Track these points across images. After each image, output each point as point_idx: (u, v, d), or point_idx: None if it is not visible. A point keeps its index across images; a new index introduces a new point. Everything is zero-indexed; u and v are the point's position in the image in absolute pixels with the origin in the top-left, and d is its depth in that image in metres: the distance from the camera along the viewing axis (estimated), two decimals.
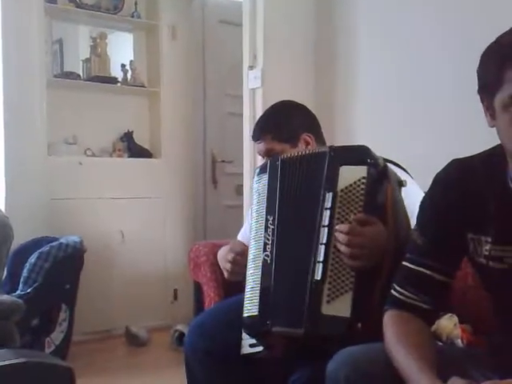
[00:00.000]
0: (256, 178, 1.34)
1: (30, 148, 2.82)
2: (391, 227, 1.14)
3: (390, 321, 1.00)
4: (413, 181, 1.41)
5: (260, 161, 2.42)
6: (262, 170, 1.33)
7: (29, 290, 2.38)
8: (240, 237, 1.73)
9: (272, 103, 1.71)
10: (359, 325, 1.08)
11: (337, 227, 1.12)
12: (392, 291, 1.03)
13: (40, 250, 2.48)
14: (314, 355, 1.15)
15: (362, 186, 1.13)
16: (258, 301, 1.21)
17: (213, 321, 1.46)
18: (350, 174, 1.15)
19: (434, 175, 1.04)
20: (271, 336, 1.20)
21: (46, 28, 2.94)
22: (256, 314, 1.21)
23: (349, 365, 0.93)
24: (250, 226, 1.35)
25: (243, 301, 1.26)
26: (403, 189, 1.24)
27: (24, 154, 2.80)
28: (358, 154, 1.18)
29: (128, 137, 3.27)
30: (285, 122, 1.59)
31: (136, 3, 3.23)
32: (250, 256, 1.28)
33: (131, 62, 3.26)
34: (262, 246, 1.24)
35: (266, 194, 1.28)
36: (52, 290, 2.47)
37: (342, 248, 1.10)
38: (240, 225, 2.67)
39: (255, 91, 2.49)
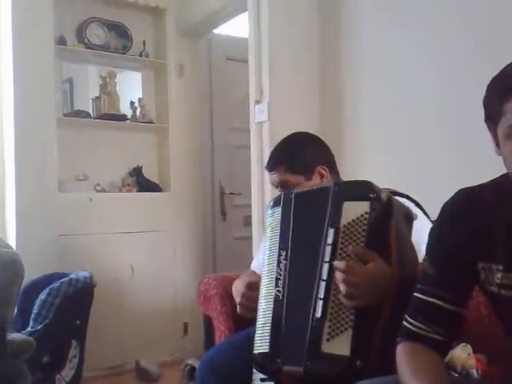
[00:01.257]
0: (269, 212, 1.33)
1: (40, 185, 2.86)
2: (394, 264, 1.13)
3: (402, 353, 0.99)
4: (424, 216, 1.40)
5: (270, 191, 2.46)
6: (276, 203, 1.32)
7: (39, 327, 2.37)
8: (254, 266, 1.73)
9: (279, 136, 1.73)
10: (358, 362, 1.06)
11: (334, 263, 1.11)
12: (404, 323, 1.02)
13: (50, 287, 2.49)
14: None
15: (365, 222, 1.13)
16: (268, 338, 1.20)
17: (223, 356, 1.45)
18: (353, 210, 1.15)
19: (442, 203, 1.04)
20: (282, 374, 1.18)
21: (57, 68, 3.02)
22: (267, 351, 1.20)
23: None
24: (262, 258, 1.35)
25: (254, 336, 1.25)
26: (414, 223, 1.23)
27: (35, 191, 2.84)
28: (361, 189, 1.18)
29: (137, 172, 3.31)
30: (299, 153, 1.59)
31: (144, 43, 3.32)
32: (262, 291, 1.27)
33: (140, 99, 3.33)
34: (273, 281, 1.23)
35: (279, 228, 1.27)
36: (62, 327, 2.47)
37: (340, 286, 1.09)
38: (249, 256, 2.68)
39: (262, 125, 2.52)
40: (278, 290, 1.22)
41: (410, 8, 2.19)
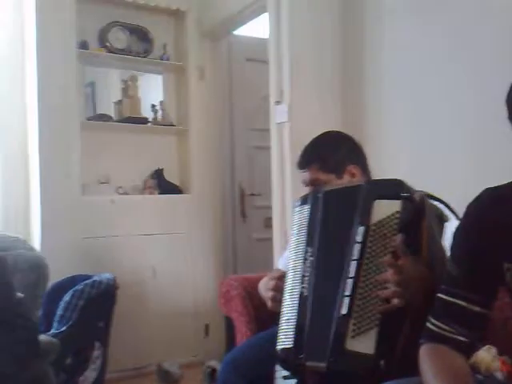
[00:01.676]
0: (297, 209, 1.33)
1: (64, 189, 2.90)
2: (425, 264, 1.11)
3: (426, 355, 0.97)
4: (456, 220, 1.37)
5: (292, 191, 2.45)
6: (304, 200, 1.32)
7: (63, 329, 2.40)
8: (280, 265, 1.73)
9: (299, 137, 1.72)
10: (382, 362, 1.05)
11: (385, 260, 1.08)
12: (427, 324, 1.01)
13: (74, 289, 2.51)
14: None
15: (396, 221, 1.11)
16: (293, 333, 1.20)
17: (246, 356, 1.45)
18: (384, 208, 1.14)
19: (466, 204, 1.03)
20: (305, 370, 1.18)
21: (79, 72, 3.06)
22: (290, 346, 1.20)
23: None
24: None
25: (277, 332, 1.25)
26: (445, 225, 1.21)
27: (59, 194, 2.89)
28: (393, 188, 1.16)
29: (158, 174, 3.34)
30: (332, 152, 1.58)
31: (165, 46, 3.34)
32: (287, 287, 1.27)
33: (161, 102, 3.36)
34: (299, 278, 1.23)
35: (306, 226, 1.27)
36: (86, 328, 2.49)
37: (392, 288, 1.06)
38: (270, 258, 2.68)
39: (283, 125, 2.51)
40: (304, 287, 1.22)
41: (433, 8, 2.17)
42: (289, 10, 2.47)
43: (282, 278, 1.38)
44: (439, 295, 1.01)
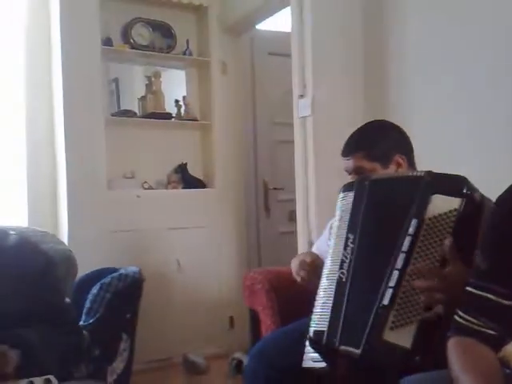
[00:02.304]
0: (341, 195, 1.33)
1: (90, 184, 2.95)
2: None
3: (454, 348, 0.97)
4: None
5: (316, 184, 2.45)
6: (349, 187, 1.32)
7: (91, 321, 2.44)
8: (315, 249, 1.73)
9: (323, 130, 1.71)
10: (417, 358, 1.05)
11: (415, 267, 1.07)
12: (456, 317, 1.00)
13: (101, 281, 2.55)
14: (374, 381, 1.13)
15: (453, 219, 1.09)
16: (328, 317, 1.20)
17: (273, 347, 1.46)
18: (442, 204, 1.11)
19: (494, 197, 1.02)
20: (336, 354, 1.19)
21: (103, 69, 3.10)
22: (324, 329, 1.20)
23: None
24: (327, 240, 1.35)
25: (311, 315, 1.25)
26: None
27: (85, 189, 2.94)
28: (454, 184, 1.13)
29: (182, 169, 3.37)
30: (379, 140, 1.55)
31: (187, 41, 3.36)
32: (325, 271, 1.28)
33: (184, 97, 3.38)
34: (338, 263, 1.23)
35: (349, 212, 1.27)
36: (113, 320, 2.53)
37: (437, 295, 1.06)
38: (294, 251, 2.68)
39: (306, 119, 2.51)
40: (342, 272, 1.22)
41: (455, 2, 2.14)
42: (311, 2, 2.46)
43: (319, 260, 1.36)
44: (468, 288, 1.00)
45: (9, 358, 0.99)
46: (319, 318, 1.23)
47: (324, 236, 1.70)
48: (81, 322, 2.44)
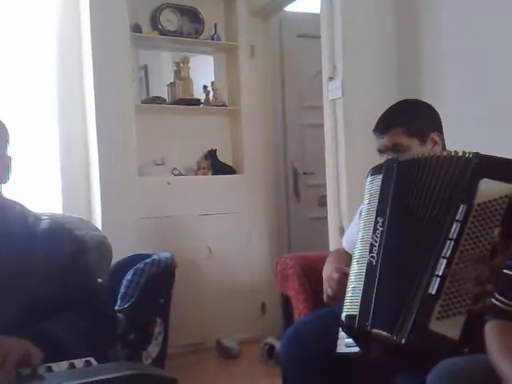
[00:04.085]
0: (369, 179, 1.31)
1: (122, 171, 2.99)
2: None
3: (492, 332, 0.95)
4: None
5: (346, 168, 2.42)
6: (377, 170, 1.30)
7: (126, 305, 2.48)
8: (344, 241, 1.71)
9: (353, 113, 1.68)
10: (466, 350, 1.02)
11: (463, 255, 1.04)
12: (493, 300, 0.98)
13: (135, 267, 2.59)
14: (412, 365, 1.11)
15: (503, 205, 1.05)
16: (359, 301, 1.19)
17: (307, 329, 1.46)
18: (492, 189, 1.07)
19: None
20: (368, 337, 1.18)
21: (133, 56, 3.11)
22: (356, 313, 1.19)
23: (449, 378, 0.90)
24: (357, 226, 1.33)
25: (343, 300, 1.24)
26: None
27: (117, 176, 2.97)
28: (506, 169, 1.09)
29: (211, 155, 3.37)
30: (417, 115, 1.50)
31: (215, 26, 3.34)
32: (355, 256, 1.26)
33: (212, 82, 3.37)
34: (368, 248, 1.22)
35: (378, 196, 1.25)
36: (148, 305, 2.57)
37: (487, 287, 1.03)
38: (324, 236, 2.66)
39: (336, 102, 2.47)
40: (372, 256, 1.20)
41: None
42: None
43: (344, 279, 1.33)
44: (505, 271, 0.98)
45: (33, 354, 0.99)
46: (350, 302, 1.22)
47: (354, 223, 1.67)
48: (116, 307, 2.49)
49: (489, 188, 1.07)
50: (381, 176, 1.26)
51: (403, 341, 1.09)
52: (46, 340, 1.05)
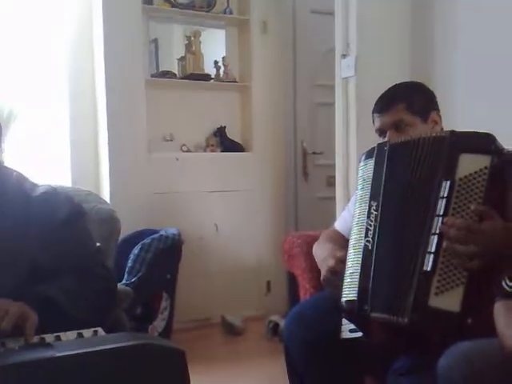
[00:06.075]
0: (362, 164, 1.31)
1: (131, 146, 2.98)
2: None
3: (500, 309, 0.95)
4: None
5: (357, 148, 2.39)
6: (369, 155, 1.30)
7: (133, 280, 2.51)
8: (337, 225, 1.70)
9: (366, 92, 1.67)
10: (469, 320, 1.03)
11: (448, 220, 1.07)
12: (502, 283, 0.97)
13: (142, 242, 2.61)
14: (415, 345, 1.11)
15: (484, 177, 1.07)
16: (357, 286, 1.20)
17: (311, 310, 1.46)
18: (471, 163, 1.09)
19: None
20: (369, 321, 1.18)
21: (143, 29, 3.07)
22: (354, 298, 1.20)
23: (463, 363, 0.90)
24: (352, 212, 1.33)
25: (342, 286, 1.25)
26: None
27: (126, 151, 2.96)
28: (482, 142, 1.11)
29: (221, 132, 3.35)
30: (418, 93, 1.49)
31: (228, 0, 3.28)
32: (351, 241, 1.27)
33: (223, 58, 3.33)
34: (363, 232, 1.22)
35: (371, 180, 1.25)
36: (154, 280, 2.59)
37: (457, 246, 1.05)
38: (331, 216, 2.65)
39: (348, 80, 2.43)
40: (368, 241, 1.21)
41: None
42: None
43: (342, 262, 1.31)
44: None
45: (29, 317, 0.99)
46: (348, 287, 1.23)
47: (347, 211, 1.65)
48: (123, 281, 2.50)
49: (468, 162, 1.10)
50: (373, 160, 1.27)
51: (406, 320, 1.09)
52: (44, 303, 1.06)
